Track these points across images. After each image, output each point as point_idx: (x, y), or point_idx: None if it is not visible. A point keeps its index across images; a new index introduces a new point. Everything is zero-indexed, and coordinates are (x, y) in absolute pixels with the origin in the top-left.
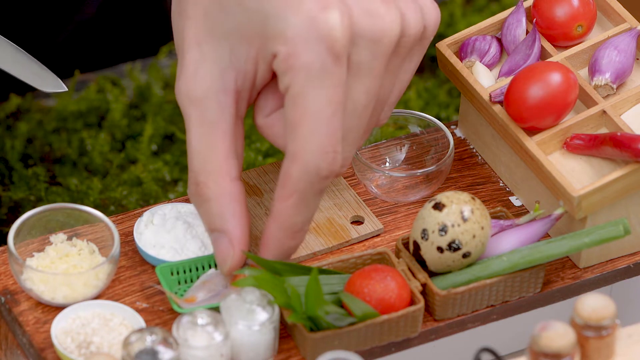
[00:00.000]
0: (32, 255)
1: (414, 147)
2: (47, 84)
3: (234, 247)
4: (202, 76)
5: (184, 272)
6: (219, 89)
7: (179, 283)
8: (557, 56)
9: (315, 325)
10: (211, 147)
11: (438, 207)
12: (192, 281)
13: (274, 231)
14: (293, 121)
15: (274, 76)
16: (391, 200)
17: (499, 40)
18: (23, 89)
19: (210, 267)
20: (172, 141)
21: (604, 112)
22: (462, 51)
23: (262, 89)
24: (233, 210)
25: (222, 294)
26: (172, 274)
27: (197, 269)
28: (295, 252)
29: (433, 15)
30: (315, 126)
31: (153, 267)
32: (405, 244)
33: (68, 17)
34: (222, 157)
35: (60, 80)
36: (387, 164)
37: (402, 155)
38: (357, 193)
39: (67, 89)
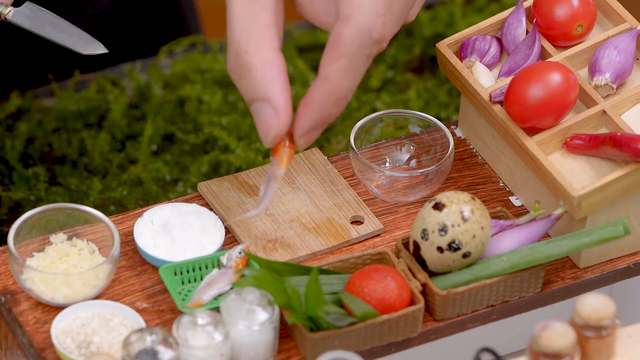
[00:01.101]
0: (32, 255)
1: (414, 147)
2: (85, 46)
3: (279, 115)
4: None
5: (187, 272)
6: None
7: (182, 283)
8: (557, 56)
9: (315, 325)
10: (253, 17)
11: (438, 207)
12: (195, 281)
13: (320, 93)
14: None
15: None
16: (391, 200)
17: (499, 40)
18: (24, 86)
19: (213, 266)
20: (172, 141)
21: (604, 112)
22: (462, 51)
23: None
24: (277, 77)
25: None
26: (175, 274)
27: (200, 269)
28: (332, 121)
29: None
30: None
31: (153, 267)
32: (405, 244)
33: (69, 17)
34: (264, 27)
35: (99, 43)
36: (387, 164)
37: (402, 155)
38: (357, 193)
39: (107, 51)
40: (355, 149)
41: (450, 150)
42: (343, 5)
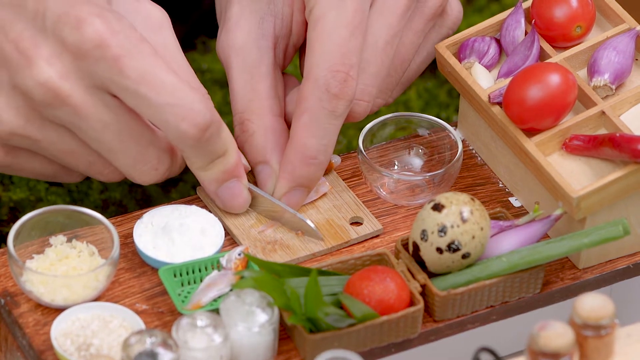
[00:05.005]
0: (32, 257)
1: (422, 150)
2: None
3: (275, 174)
4: (242, 26)
5: (187, 273)
6: (258, 35)
7: (182, 285)
8: (556, 57)
9: (314, 326)
10: (253, 88)
11: (437, 208)
12: (195, 283)
13: (289, 153)
14: (311, 42)
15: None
16: (399, 203)
17: (498, 41)
18: None
19: (213, 268)
20: None
21: (603, 112)
22: (461, 52)
23: None
24: (275, 142)
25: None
26: (174, 276)
27: (199, 271)
28: (312, 185)
29: (455, 8)
30: (329, 45)
31: (153, 268)
32: (405, 245)
33: None
34: (263, 96)
35: None
36: (396, 167)
37: (410, 158)
38: (356, 194)
39: None
40: (363, 151)
41: (459, 154)
42: (306, 64)
